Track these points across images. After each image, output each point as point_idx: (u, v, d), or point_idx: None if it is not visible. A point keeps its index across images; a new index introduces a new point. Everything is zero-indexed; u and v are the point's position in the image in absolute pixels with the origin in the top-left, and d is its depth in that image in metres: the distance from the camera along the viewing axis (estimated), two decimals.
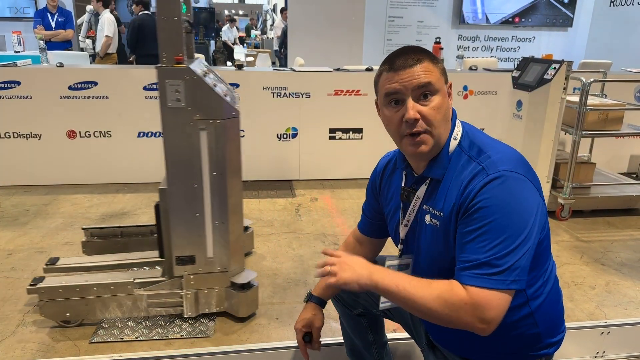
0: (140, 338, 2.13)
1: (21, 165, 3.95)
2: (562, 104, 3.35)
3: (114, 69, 4.30)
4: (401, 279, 1.16)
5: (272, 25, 13.66)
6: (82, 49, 6.96)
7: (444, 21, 7.76)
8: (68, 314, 2.16)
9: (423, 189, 1.29)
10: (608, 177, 4.03)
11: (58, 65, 3.93)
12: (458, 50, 7.85)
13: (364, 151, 4.29)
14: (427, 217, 1.28)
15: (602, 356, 2.10)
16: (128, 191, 3.95)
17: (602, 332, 2.08)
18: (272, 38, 12.81)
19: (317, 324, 1.55)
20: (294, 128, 4.21)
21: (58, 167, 4.00)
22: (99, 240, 2.65)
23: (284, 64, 8.26)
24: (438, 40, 5.20)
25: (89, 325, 2.21)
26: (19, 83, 3.78)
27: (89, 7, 6.86)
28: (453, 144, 1.26)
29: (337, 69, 4.31)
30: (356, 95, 4.18)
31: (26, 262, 2.78)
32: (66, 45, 6.15)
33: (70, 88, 3.84)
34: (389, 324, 1.77)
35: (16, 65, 3.85)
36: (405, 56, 1.20)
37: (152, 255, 2.45)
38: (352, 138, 4.30)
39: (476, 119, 4.40)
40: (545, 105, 3.33)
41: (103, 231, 2.67)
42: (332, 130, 4.26)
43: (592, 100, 3.65)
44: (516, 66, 3.77)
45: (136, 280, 2.18)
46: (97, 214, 3.48)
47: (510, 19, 7.91)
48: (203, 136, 2.01)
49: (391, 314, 1.63)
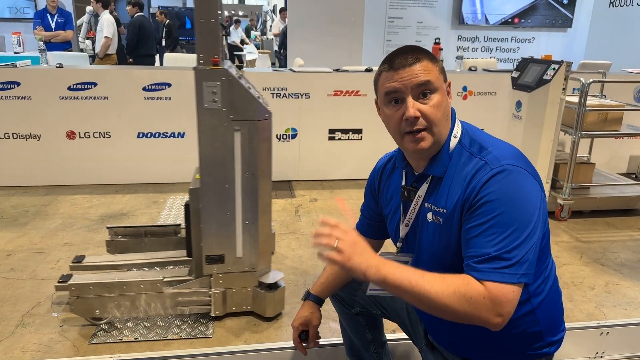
0: (139, 339, 2.13)
1: (20, 165, 3.95)
2: (562, 105, 3.35)
3: (114, 70, 4.30)
4: (412, 274, 1.11)
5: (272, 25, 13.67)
6: (82, 50, 6.97)
7: (444, 22, 7.76)
8: (97, 311, 2.19)
9: (424, 187, 1.29)
10: (607, 178, 4.03)
11: (57, 66, 3.93)
12: (457, 50, 7.86)
13: (364, 152, 4.29)
14: (430, 215, 1.28)
15: (602, 356, 2.10)
16: (127, 192, 3.95)
17: (602, 333, 2.08)
18: (272, 39, 12.82)
19: (314, 323, 1.55)
20: (294, 129, 4.21)
21: (57, 168, 4.00)
22: (123, 239, 2.67)
23: (284, 65, 8.26)
24: (437, 40, 5.20)
25: (98, 323, 2.21)
26: (19, 84, 3.78)
27: (89, 8, 6.87)
28: (453, 142, 1.26)
29: (337, 70, 4.32)
30: (356, 95, 4.19)
31: (25, 263, 2.78)
32: (66, 46, 6.15)
33: (69, 89, 3.84)
34: (388, 324, 1.77)
35: (16, 66, 3.85)
36: (404, 55, 1.21)
37: (177, 254, 2.50)
38: (352, 139, 4.30)
39: (476, 120, 4.38)
40: (544, 105, 3.34)
41: (127, 230, 2.70)
42: (332, 130, 4.26)
43: (592, 100, 3.65)
44: (515, 67, 3.77)
45: (165, 278, 2.21)
46: (97, 215, 3.48)
47: (509, 20, 7.91)
48: (237, 137, 2.04)
49: (388, 313, 1.63)
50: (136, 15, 6.68)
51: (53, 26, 6.02)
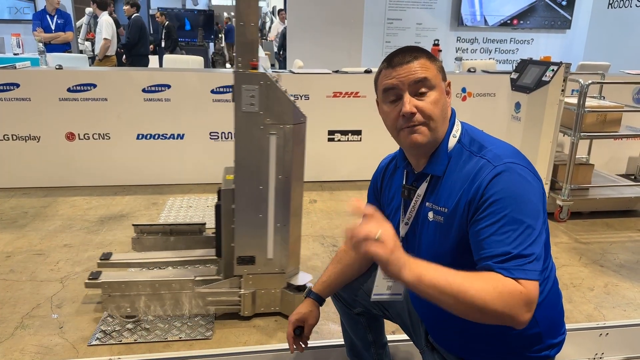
0: (138, 340, 2.13)
1: (20, 167, 3.95)
2: (561, 106, 3.35)
3: (113, 71, 4.30)
4: (447, 272, 1.05)
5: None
6: (81, 51, 6.98)
7: (443, 23, 7.77)
8: (129, 309, 2.21)
9: (424, 187, 1.30)
10: (606, 179, 4.04)
11: (57, 67, 3.93)
12: (457, 52, 7.86)
13: (363, 153, 4.29)
14: (430, 214, 1.28)
15: (601, 358, 2.11)
16: (127, 193, 3.95)
17: (601, 334, 2.08)
18: (271, 40, 12.82)
19: (311, 321, 1.55)
20: None
21: (57, 169, 3.99)
22: (149, 237, 2.69)
23: (283, 66, 8.27)
24: (437, 42, 5.21)
25: (84, 325, 2.21)
26: (18, 85, 3.78)
27: (88, 10, 6.88)
28: (452, 141, 1.27)
29: (336, 71, 4.32)
30: (355, 97, 4.19)
31: (24, 265, 2.77)
32: (65, 47, 6.16)
33: (69, 90, 3.84)
34: (389, 326, 1.77)
35: (15, 67, 3.85)
36: (403, 54, 1.24)
37: (204, 253, 2.52)
38: (351, 140, 4.31)
39: (475, 121, 4.37)
40: (543, 107, 3.34)
41: (152, 228, 2.72)
42: (331, 132, 4.27)
43: (591, 102, 3.66)
44: (514, 68, 3.78)
45: (197, 277, 2.23)
46: (96, 216, 3.48)
47: (508, 21, 7.92)
48: (273, 140, 2.06)
49: (389, 314, 1.63)
50: (134, 15, 6.70)
51: (53, 27, 6.02)
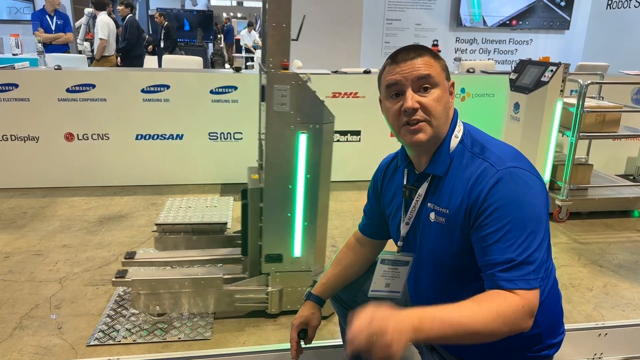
0: (138, 340, 2.13)
1: (19, 167, 3.94)
2: (560, 106, 3.36)
3: (112, 72, 4.30)
4: (449, 316, 1.04)
5: None
6: (80, 52, 6.97)
7: (442, 24, 7.78)
8: (158, 307, 2.22)
9: (425, 187, 1.30)
10: (605, 179, 4.04)
11: (56, 67, 3.93)
12: (456, 52, 7.87)
13: (362, 153, 4.29)
14: (432, 215, 1.28)
15: (600, 358, 2.11)
16: (126, 194, 3.95)
17: (600, 334, 2.08)
18: None
19: (313, 323, 1.55)
20: None
21: (56, 170, 3.99)
22: (171, 235, 2.70)
23: None
24: (436, 42, 5.21)
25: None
26: (17, 85, 3.77)
27: (87, 10, 6.87)
28: (454, 142, 1.27)
29: (335, 72, 4.32)
30: (354, 97, 4.19)
31: (23, 265, 2.77)
32: (64, 47, 6.15)
33: (68, 90, 3.84)
34: None
35: (14, 67, 3.85)
36: (407, 51, 1.24)
37: (228, 252, 2.55)
38: (350, 140, 4.31)
39: (474, 121, 4.38)
40: (542, 107, 3.35)
41: (175, 227, 2.73)
42: None
43: (590, 102, 3.66)
44: (513, 69, 3.78)
45: (225, 275, 2.25)
46: (95, 217, 3.48)
47: (507, 22, 7.93)
48: (302, 140, 2.07)
49: None
50: (129, 16, 6.68)
51: (53, 28, 6.01)
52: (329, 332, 2.20)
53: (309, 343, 1.57)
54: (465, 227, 1.20)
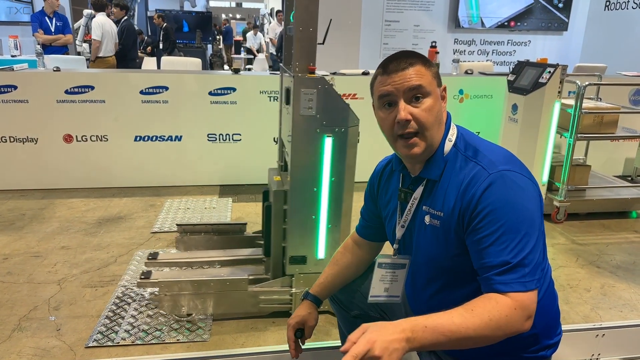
0: (136, 342, 2.13)
1: (17, 169, 3.94)
2: (557, 108, 3.37)
3: (111, 73, 4.30)
4: (442, 323, 1.05)
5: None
6: (79, 53, 6.96)
7: (440, 25, 7.79)
8: (184, 308, 2.24)
9: (420, 190, 1.31)
10: (603, 180, 4.05)
11: (55, 69, 3.93)
12: (454, 54, 7.89)
13: (360, 155, 4.26)
14: (427, 218, 1.29)
15: (597, 359, 2.11)
16: (124, 195, 3.95)
17: (597, 335, 2.09)
18: (267, 42, 12.84)
19: (310, 323, 1.56)
20: None
21: (54, 171, 3.99)
22: (192, 236, 2.72)
23: None
24: (434, 44, 5.22)
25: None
26: (16, 87, 3.78)
27: (86, 11, 6.86)
28: (448, 146, 1.28)
29: (334, 73, 4.32)
30: (352, 99, 4.19)
31: (22, 267, 2.77)
32: (64, 49, 6.15)
33: (66, 92, 3.84)
34: None
35: (13, 69, 3.85)
36: (398, 60, 1.24)
37: (248, 253, 2.57)
38: None
39: (472, 123, 4.42)
40: (540, 108, 3.36)
41: (196, 228, 2.75)
42: None
43: (587, 103, 3.67)
44: (512, 70, 3.79)
45: (250, 277, 2.26)
46: (94, 218, 3.48)
47: (505, 23, 7.94)
48: (328, 143, 2.09)
49: (387, 316, 1.64)
50: (124, 19, 6.66)
51: (53, 29, 6.01)
52: (328, 334, 2.20)
53: (303, 343, 1.58)
54: (459, 230, 1.21)
